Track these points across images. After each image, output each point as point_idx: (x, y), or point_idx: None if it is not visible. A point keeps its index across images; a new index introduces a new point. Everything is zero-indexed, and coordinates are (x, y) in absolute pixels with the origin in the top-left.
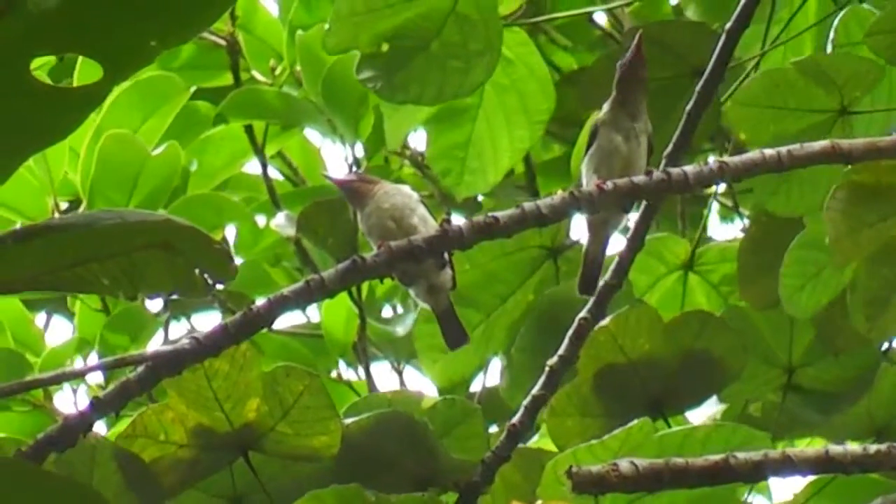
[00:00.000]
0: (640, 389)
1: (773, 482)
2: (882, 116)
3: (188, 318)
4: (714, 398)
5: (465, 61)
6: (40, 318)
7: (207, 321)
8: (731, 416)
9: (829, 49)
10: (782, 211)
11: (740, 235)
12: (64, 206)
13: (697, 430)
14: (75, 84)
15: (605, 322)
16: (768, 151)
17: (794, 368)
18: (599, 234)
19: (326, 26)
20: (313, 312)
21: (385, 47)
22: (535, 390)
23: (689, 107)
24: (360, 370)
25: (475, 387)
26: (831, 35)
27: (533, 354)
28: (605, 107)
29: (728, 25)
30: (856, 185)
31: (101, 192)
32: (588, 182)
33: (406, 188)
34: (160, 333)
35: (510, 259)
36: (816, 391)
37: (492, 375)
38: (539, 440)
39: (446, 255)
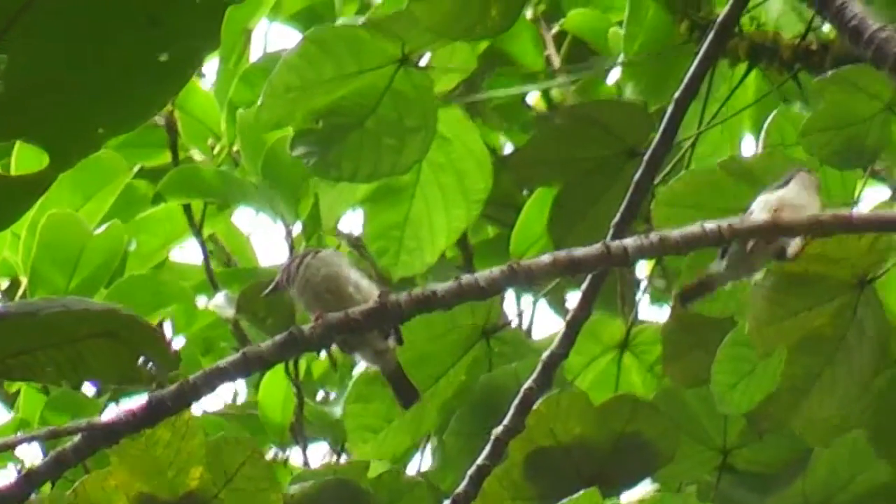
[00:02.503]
0: (572, 472)
1: None
2: None
3: (117, 403)
4: (648, 480)
5: (400, 139)
6: None
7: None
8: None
9: (759, 149)
10: (706, 311)
11: None
12: (5, 284)
13: (644, 500)
14: (13, 170)
15: (536, 406)
16: (709, 225)
17: (728, 450)
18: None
19: (260, 101)
20: (242, 393)
21: (320, 124)
22: (479, 460)
23: (636, 176)
24: (296, 451)
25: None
26: (761, 136)
27: (467, 439)
28: None
29: (677, 95)
30: (783, 272)
31: (41, 273)
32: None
33: (332, 254)
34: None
35: (443, 340)
36: (751, 473)
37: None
38: None
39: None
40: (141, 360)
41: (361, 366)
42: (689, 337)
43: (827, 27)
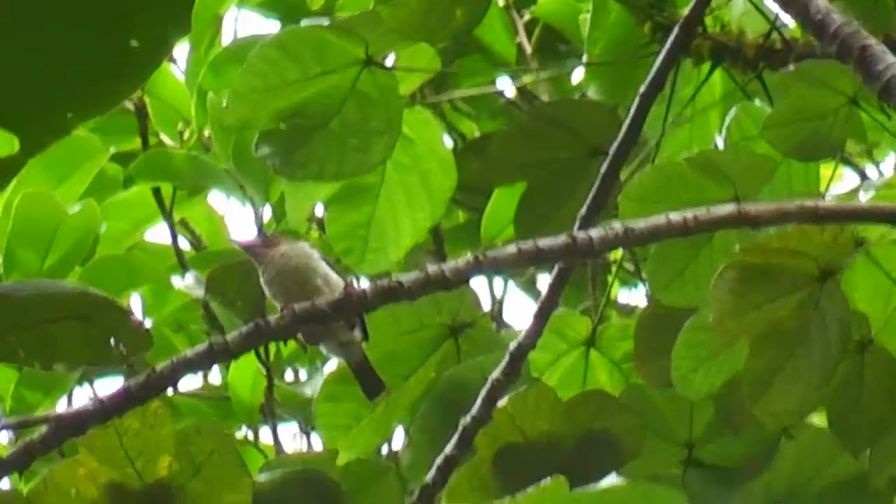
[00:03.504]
0: (539, 468)
1: None
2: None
3: (91, 382)
4: (614, 475)
5: (365, 139)
6: None
7: (111, 386)
8: None
9: (721, 145)
10: (676, 303)
11: (643, 302)
12: None
13: (613, 489)
14: None
15: (502, 402)
16: (674, 216)
17: (694, 444)
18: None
19: (224, 104)
20: (215, 374)
21: (284, 125)
22: (448, 450)
23: (603, 169)
24: (266, 431)
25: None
26: (723, 133)
27: (434, 433)
28: None
29: (642, 89)
30: (745, 265)
31: (16, 252)
32: None
33: (306, 246)
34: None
35: (411, 338)
36: (717, 467)
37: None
38: None
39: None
40: (112, 341)
41: (334, 361)
42: (661, 338)
43: (791, 25)
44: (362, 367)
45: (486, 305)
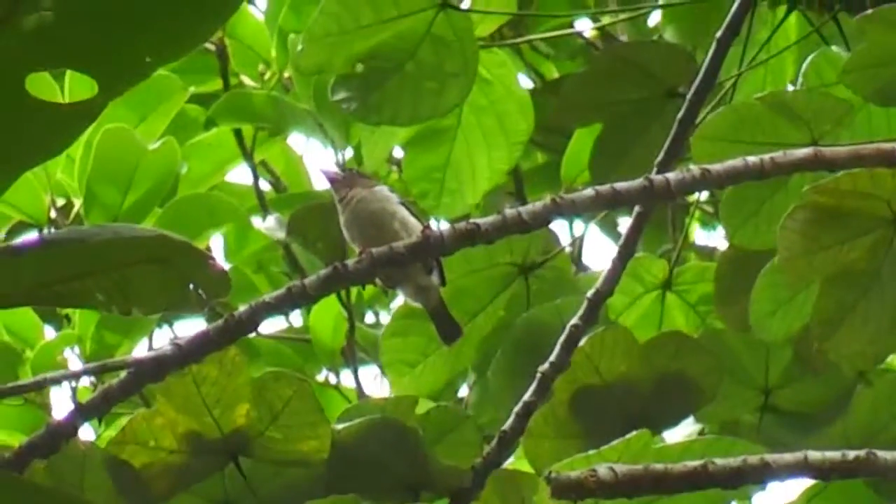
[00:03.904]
0: (616, 411)
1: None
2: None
3: (171, 324)
4: (690, 419)
5: (441, 83)
6: None
7: (191, 328)
8: None
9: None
10: (750, 245)
11: (722, 244)
12: (60, 202)
13: (696, 442)
14: (67, 99)
15: (580, 344)
16: (751, 159)
17: (770, 389)
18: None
19: (299, 47)
20: (296, 317)
21: (360, 68)
22: (526, 397)
23: (680, 114)
24: (347, 374)
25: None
26: (800, 79)
27: (510, 377)
28: None
29: (719, 34)
30: (816, 206)
31: (96, 189)
32: None
33: (384, 189)
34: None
35: (480, 276)
36: (793, 412)
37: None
38: (516, 462)
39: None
40: (191, 285)
41: (400, 298)
42: (742, 280)
43: None
44: (439, 311)
45: (567, 248)
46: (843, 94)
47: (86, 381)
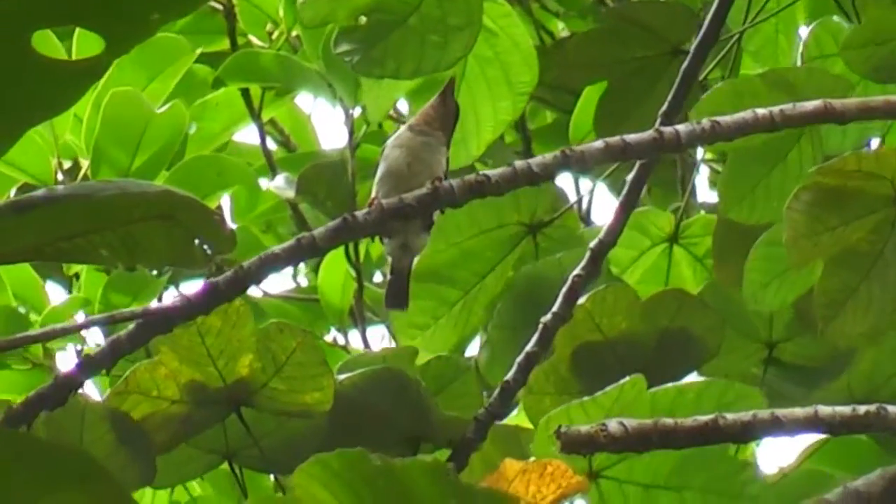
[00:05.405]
0: (617, 367)
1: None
2: (856, 128)
3: (177, 285)
4: (694, 374)
5: (444, 36)
6: None
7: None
8: None
9: (798, 62)
10: (746, 220)
11: None
12: (67, 164)
13: (690, 386)
14: (75, 56)
15: (581, 300)
16: (761, 111)
17: (774, 343)
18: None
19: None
20: (304, 279)
21: (363, 21)
22: (528, 347)
23: (683, 67)
24: (355, 334)
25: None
26: (800, 49)
27: (512, 331)
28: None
29: None
30: (821, 187)
31: (104, 151)
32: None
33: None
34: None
35: (488, 236)
36: (797, 366)
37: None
38: (516, 417)
39: (435, 216)
40: (196, 241)
41: None
42: (738, 241)
43: None
44: (400, 277)
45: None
46: (842, 69)
47: (92, 345)
